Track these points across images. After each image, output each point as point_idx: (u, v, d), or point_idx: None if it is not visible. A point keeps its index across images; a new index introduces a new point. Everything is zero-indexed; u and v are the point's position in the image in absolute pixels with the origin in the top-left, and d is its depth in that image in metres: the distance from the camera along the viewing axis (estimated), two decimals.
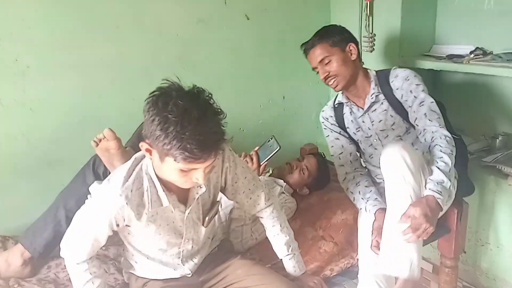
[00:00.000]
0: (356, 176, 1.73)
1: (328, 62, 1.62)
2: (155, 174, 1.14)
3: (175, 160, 1.01)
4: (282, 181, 2.02)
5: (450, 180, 1.37)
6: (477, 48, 1.96)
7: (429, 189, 1.35)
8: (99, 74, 1.86)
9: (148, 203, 1.15)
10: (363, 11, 1.98)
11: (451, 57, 1.98)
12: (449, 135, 1.47)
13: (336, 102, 1.78)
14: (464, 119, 2.10)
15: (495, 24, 1.93)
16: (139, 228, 1.20)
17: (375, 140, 1.72)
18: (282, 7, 2.30)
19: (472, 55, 1.91)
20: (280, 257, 1.46)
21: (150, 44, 1.95)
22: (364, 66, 1.74)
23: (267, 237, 1.72)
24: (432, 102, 1.56)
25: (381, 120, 1.68)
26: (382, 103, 1.67)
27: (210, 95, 1.04)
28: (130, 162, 1.17)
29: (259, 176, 1.90)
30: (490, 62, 1.83)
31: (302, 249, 1.49)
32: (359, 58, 1.71)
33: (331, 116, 1.81)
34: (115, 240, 1.45)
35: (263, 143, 2.02)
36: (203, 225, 1.30)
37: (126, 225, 1.19)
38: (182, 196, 1.21)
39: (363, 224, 1.62)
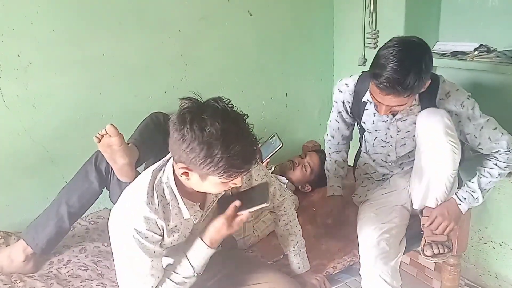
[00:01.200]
0: (339, 149, 1.87)
1: (397, 106, 1.46)
2: (176, 186, 1.12)
3: (219, 178, 1.02)
4: (284, 178, 2.02)
5: (482, 192, 1.57)
6: (481, 45, 1.94)
7: (456, 193, 1.59)
8: (101, 70, 1.86)
9: (170, 215, 1.13)
10: (366, 7, 1.98)
11: (455, 54, 1.97)
12: None
13: (365, 98, 1.61)
14: None
15: (500, 21, 1.92)
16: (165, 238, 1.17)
17: (390, 146, 1.68)
18: (285, 4, 2.28)
19: (476, 52, 1.90)
20: (286, 252, 1.46)
21: (153, 40, 1.94)
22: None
23: (269, 235, 1.73)
24: (489, 119, 1.54)
25: (408, 131, 1.62)
26: (416, 115, 1.56)
27: (230, 101, 1.03)
28: (148, 177, 1.12)
29: None
30: (494, 59, 1.83)
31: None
32: None
33: (349, 102, 1.68)
34: None
35: (266, 141, 2.02)
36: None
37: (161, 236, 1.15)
38: (202, 200, 1.20)
39: (364, 220, 1.62)
